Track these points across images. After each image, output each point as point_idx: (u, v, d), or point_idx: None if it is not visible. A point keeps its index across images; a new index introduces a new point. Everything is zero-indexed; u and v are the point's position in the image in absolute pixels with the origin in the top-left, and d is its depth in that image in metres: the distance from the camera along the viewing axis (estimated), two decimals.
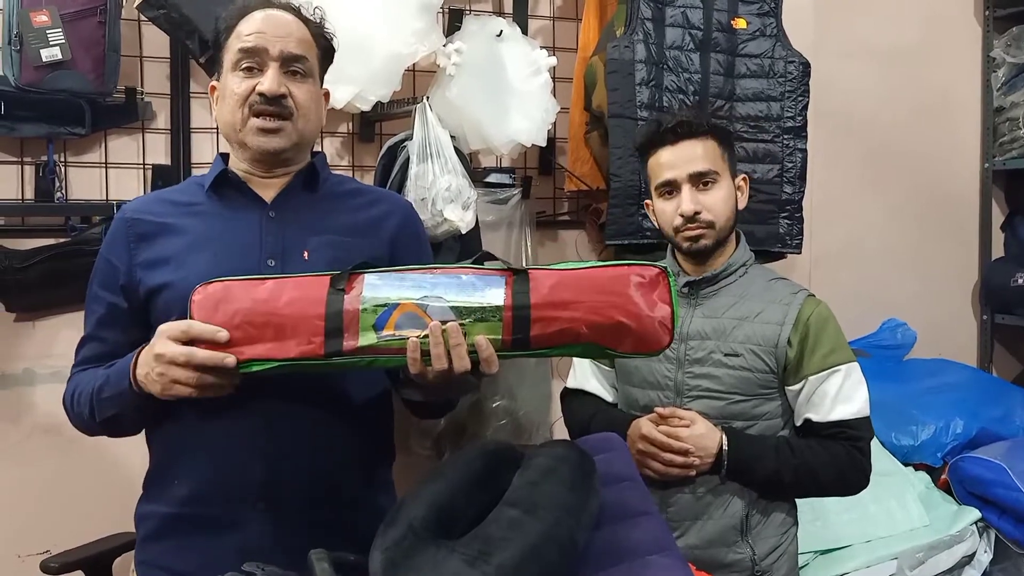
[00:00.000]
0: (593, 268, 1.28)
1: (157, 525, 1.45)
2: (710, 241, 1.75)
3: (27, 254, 2.13)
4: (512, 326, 1.23)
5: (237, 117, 1.43)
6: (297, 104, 1.43)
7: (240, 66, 1.42)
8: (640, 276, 1.26)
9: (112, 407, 1.38)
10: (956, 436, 2.72)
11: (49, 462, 2.21)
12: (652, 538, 1.19)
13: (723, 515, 1.73)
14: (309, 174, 1.51)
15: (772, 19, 2.51)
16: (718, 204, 1.74)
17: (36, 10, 1.99)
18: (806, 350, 1.73)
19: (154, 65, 2.28)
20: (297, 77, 1.44)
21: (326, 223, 1.48)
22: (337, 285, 1.25)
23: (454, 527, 1.09)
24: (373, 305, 1.23)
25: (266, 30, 1.42)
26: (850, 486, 1.77)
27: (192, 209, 1.48)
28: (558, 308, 1.23)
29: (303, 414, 1.40)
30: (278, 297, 1.25)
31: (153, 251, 1.43)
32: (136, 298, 1.42)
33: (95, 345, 1.47)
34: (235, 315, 1.24)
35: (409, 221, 1.59)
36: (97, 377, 1.40)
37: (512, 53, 2.42)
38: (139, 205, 1.51)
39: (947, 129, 3.45)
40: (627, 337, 1.25)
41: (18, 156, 2.18)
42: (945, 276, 3.47)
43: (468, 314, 1.22)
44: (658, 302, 1.25)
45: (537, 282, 1.25)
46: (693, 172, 1.73)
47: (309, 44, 1.47)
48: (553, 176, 2.78)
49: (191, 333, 1.24)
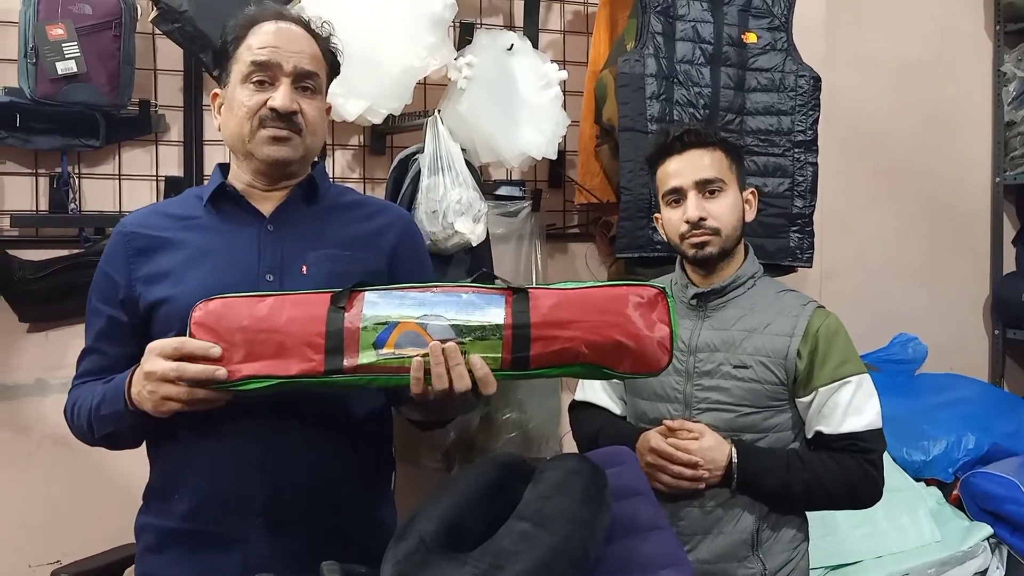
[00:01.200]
0: (592, 288, 1.28)
1: (157, 538, 1.44)
2: (715, 248, 1.75)
3: (40, 265, 2.14)
4: (512, 344, 1.23)
5: (246, 129, 1.42)
6: (307, 120, 1.43)
7: (252, 79, 1.42)
8: (639, 296, 1.27)
9: (109, 425, 1.39)
10: (968, 451, 2.70)
11: (60, 472, 2.22)
12: (664, 552, 1.19)
13: (734, 530, 1.72)
14: (308, 187, 1.50)
15: (783, 33, 2.52)
16: (724, 212, 1.74)
17: (52, 23, 2.01)
18: (816, 362, 1.72)
19: (168, 78, 2.30)
20: (307, 93, 1.44)
21: (325, 236, 1.47)
22: (338, 303, 1.25)
23: (465, 541, 1.09)
24: (374, 323, 1.23)
25: (279, 45, 1.42)
26: (862, 499, 1.76)
27: (190, 223, 1.47)
28: (558, 327, 1.23)
29: (302, 429, 1.40)
30: (279, 314, 1.25)
31: (152, 265, 1.43)
32: (136, 312, 1.42)
33: (95, 358, 1.47)
34: (236, 332, 1.25)
35: (409, 233, 1.58)
36: (95, 394, 1.41)
37: (523, 67, 2.42)
38: (137, 219, 1.50)
39: (958, 143, 3.44)
40: (626, 357, 1.25)
41: (33, 168, 2.20)
42: (956, 290, 3.46)
43: (468, 332, 1.22)
44: (657, 322, 1.26)
45: (537, 301, 1.25)
46: (699, 179, 1.74)
47: (320, 60, 1.47)
48: (563, 189, 2.79)
49: (184, 351, 1.24)
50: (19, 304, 2.16)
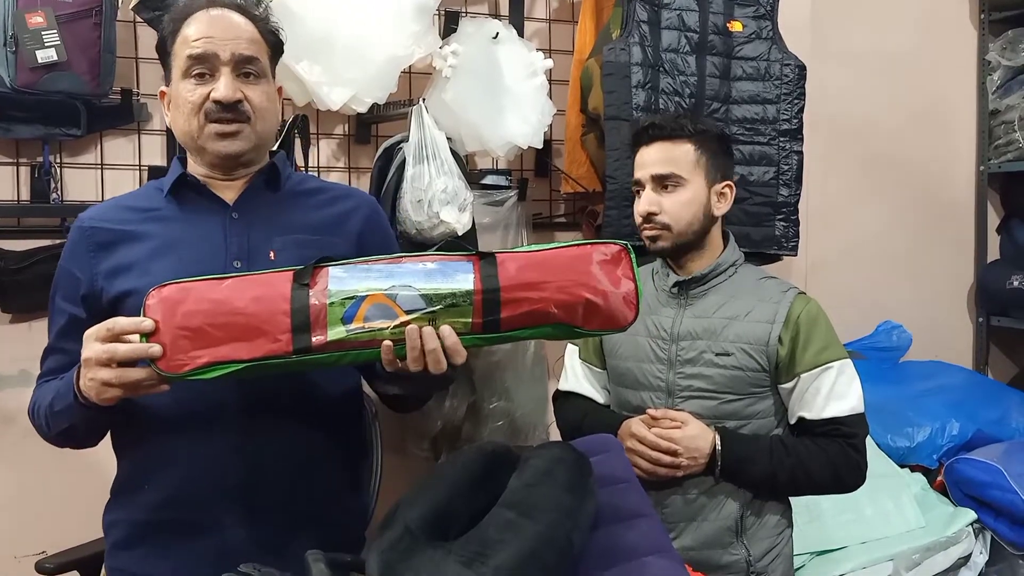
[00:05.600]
0: (558, 249, 1.29)
1: (127, 532, 1.44)
2: (667, 244, 1.77)
3: (23, 255, 2.13)
4: (483, 309, 1.22)
5: (193, 125, 1.40)
6: (254, 107, 1.41)
7: (191, 73, 1.39)
8: (603, 254, 1.27)
9: (63, 420, 1.36)
10: (952, 438, 2.72)
11: (45, 463, 2.19)
12: (649, 539, 1.19)
13: (718, 517, 1.74)
14: (270, 173, 1.49)
15: (768, 22, 2.52)
16: (676, 207, 1.76)
17: (31, 11, 1.99)
18: (798, 348, 1.73)
19: (150, 66, 2.28)
20: (251, 79, 1.41)
21: (291, 222, 1.46)
22: (301, 280, 1.22)
23: (451, 529, 1.09)
24: (341, 298, 1.21)
25: (214, 34, 1.39)
26: (846, 484, 1.77)
27: (152, 214, 1.45)
28: (527, 289, 1.24)
29: (276, 412, 1.39)
30: (239, 296, 1.22)
31: (114, 259, 1.41)
32: (99, 307, 1.39)
33: (58, 356, 1.46)
34: (193, 317, 1.20)
35: (374, 216, 1.58)
36: (51, 390, 1.39)
37: (508, 55, 2.41)
38: (96, 213, 1.48)
39: (943, 132, 3.45)
40: (595, 315, 1.25)
41: (14, 157, 2.18)
42: (941, 278, 3.48)
43: (439, 300, 1.21)
44: (622, 278, 1.26)
45: (505, 264, 1.25)
46: (655, 174, 1.77)
47: (259, 43, 1.43)
48: (549, 178, 2.79)
49: (115, 330, 1.21)
50: (1, 295, 2.15)
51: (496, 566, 1.01)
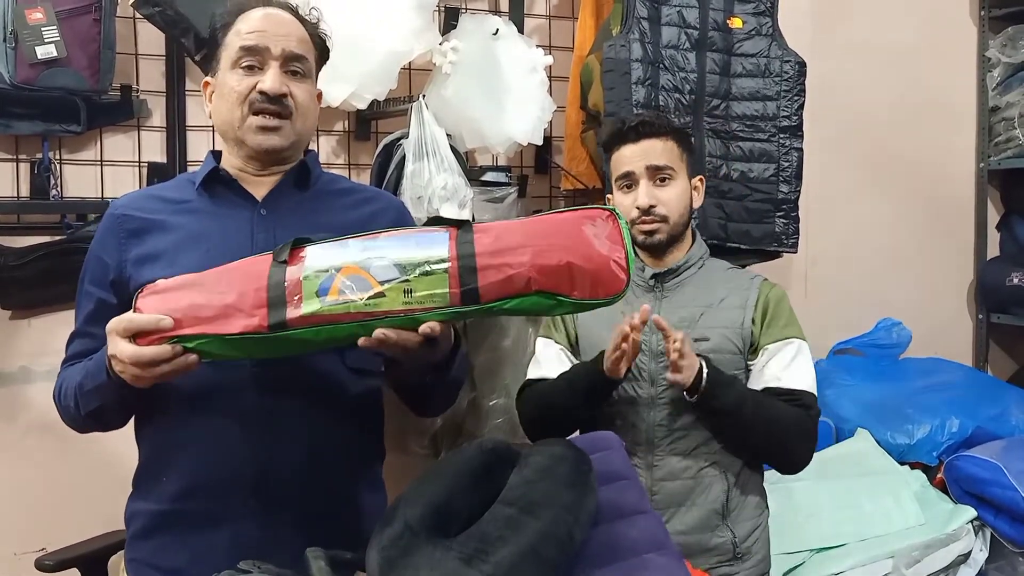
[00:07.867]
0: (542, 215, 1.27)
1: (146, 522, 1.44)
2: (664, 236, 1.82)
3: (22, 252, 2.13)
4: (460, 277, 1.17)
5: (236, 115, 1.42)
6: (297, 104, 1.43)
7: (241, 64, 1.42)
8: (590, 219, 1.22)
9: (95, 399, 1.37)
10: (952, 435, 2.72)
11: (45, 460, 2.21)
12: (649, 536, 1.19)
13: (705, 500, 1.77)
14: (300, 172, 1.51)
15: (768, 19, 2.52)
16: (672, 200, 1.81)
17: (31, 7, 1.99)
18: (765, 324, 1.81)
19: (149, 63, 2.28)
20: (297, 77, 1.44)
21: (319, 222, 1.46)
22: (279, 258, 1.23)
23: (451, 526, 1.09)
24: (315, 271, 1.20)
25: (267, 29, 1.42)
26: (796, 451, 1.79)
27: (183, 206, 1.47)
28: (505, 254, 1.18)
29: (294, 408, 1.40)
30: (221, 279, 1.24)
31: (144, 247, 1.43)
32: (126, 294, 1.41)
33: (84, 341, 1.47)
34: (179, 300, 1.23)
35: (402, 219, 1.58)
36: (80, 371, 1.40)
37: (508, 52, 2.41)
38: (129, 201, 1.50)
39: (943, 129, 3.45)
40: (581, 281, 1.18)
41: (13, 154, 2.18)
42: (941, 275, 3.48)
43: (412, 269, 1.18)
44: (610, 243, 1.20)
45: (482, 232, 1.21)
46: (651, 165, 1.80)
47: (308, 44, 1.47)
48: (549, 175, 2.79)
49: (133, 328, 1.23)
50: (1, 291, 2.14)
51: (496, 563, 1.01)
